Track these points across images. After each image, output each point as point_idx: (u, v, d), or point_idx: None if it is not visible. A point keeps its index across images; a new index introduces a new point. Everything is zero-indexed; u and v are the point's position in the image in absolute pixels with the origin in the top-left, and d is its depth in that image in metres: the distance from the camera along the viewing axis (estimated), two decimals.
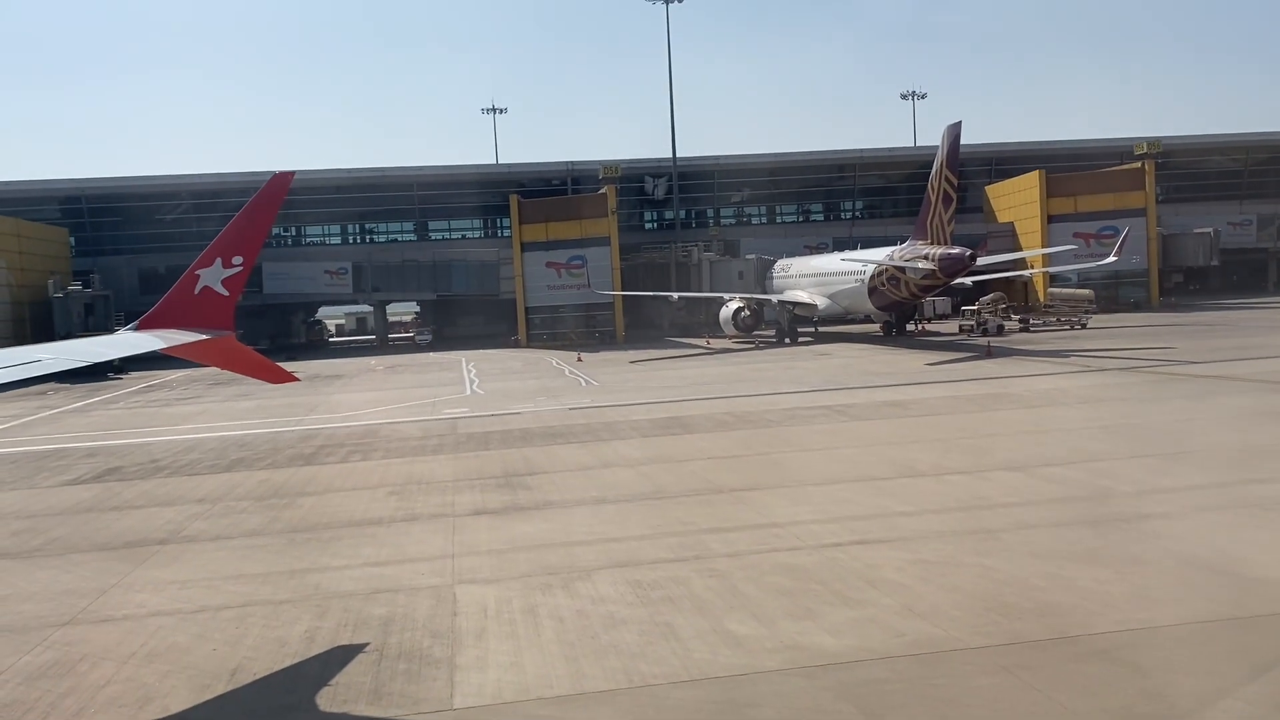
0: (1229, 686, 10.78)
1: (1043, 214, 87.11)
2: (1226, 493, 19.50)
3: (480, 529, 19.68)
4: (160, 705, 11.87)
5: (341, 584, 16.38)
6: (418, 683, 12.09)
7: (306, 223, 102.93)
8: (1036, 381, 39.71)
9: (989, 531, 17.47)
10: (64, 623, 15.12)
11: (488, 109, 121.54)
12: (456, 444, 30.87)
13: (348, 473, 26.97)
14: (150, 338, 13.76)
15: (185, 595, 16.28)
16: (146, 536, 20.55)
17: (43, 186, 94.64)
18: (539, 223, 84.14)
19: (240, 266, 14.10)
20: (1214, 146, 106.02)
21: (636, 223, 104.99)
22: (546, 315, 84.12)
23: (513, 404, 40.34)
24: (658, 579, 15.59)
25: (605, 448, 28.61)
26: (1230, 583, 14.11)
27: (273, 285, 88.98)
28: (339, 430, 35.45)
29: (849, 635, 12.85)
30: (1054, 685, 11.05)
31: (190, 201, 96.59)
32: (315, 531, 20.21)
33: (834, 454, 26.13)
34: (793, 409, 34.51)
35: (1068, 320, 68.88)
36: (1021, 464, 23.08)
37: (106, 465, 30.33)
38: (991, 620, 13.10)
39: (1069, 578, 14.63)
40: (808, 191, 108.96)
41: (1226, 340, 51.70)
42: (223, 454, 31.37)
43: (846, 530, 17.92)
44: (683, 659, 12.36)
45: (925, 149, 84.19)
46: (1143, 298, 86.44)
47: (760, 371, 49.81)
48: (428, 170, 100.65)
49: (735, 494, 21.49)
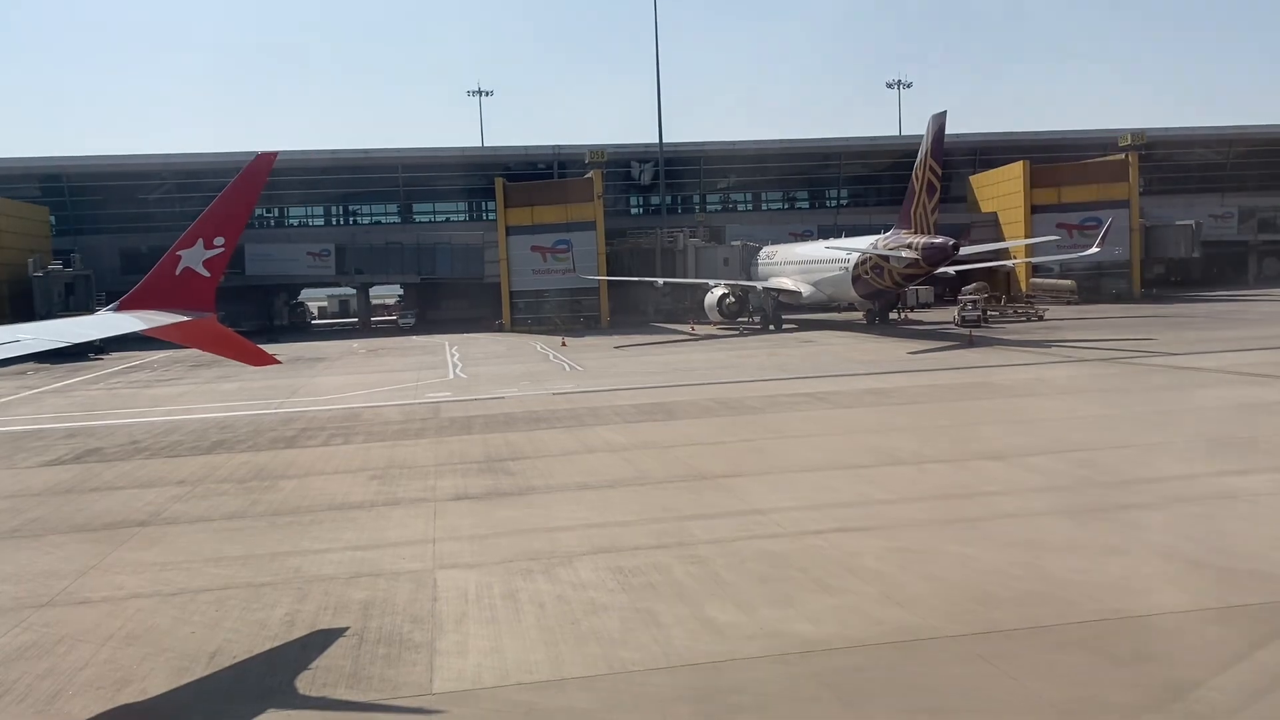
0: (1204, 676, 10.88)
1: (1026, 204, 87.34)
2: (1204, 483, 19.67)
3: (462, 514, 19.66)
4: (138, 688, 11.84)
5: (322, 568, 16.34)
6: (397, 667, 12.09)
7: (289, 204, 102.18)
8: (1018, 371, 39.93)
9: (969, 520, 17.58)
10: (42, 604, 15.04)
11: (473, 91, 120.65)
12: (439, 428, 30.81)
13: (329, 456, 26.88)
14: (131, 319, 13.66)
15: (165, 577, 16.21)
16: (126, 518, 20.44)
17: (23, 164, 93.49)
18: (524, 206, 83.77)
19: (222, 247, 14.00)
20: (1197, 139, 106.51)
21: (622, 208, 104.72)
22: (531, 300, 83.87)
23: (496, 388, 40.27)
24: (639, 565, 15.63)
25: (589, 433, 28.61)
26: (1207, 573, 14.24)
27: (255, 267, 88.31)
28: (321, 413, 35.31)
29: (828, 623, 12.91)
30: (1031, 674, 11.15)
31: (173, 181, 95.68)
32: (296, 515, 20.15)
33: (816, 441, 26.21)
34: (776, 396, 34.58)
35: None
36: (1002, 453, 23.20)
37: (86, 446, 30.14)
38: (970, 609, 13.19)
39: (1047, 567, 14.74)
40: (793, 179, 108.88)
41: (1207, 332, 52.09)
42: (203, 436, 31.21)
43: (827, 518, 18.00)
44: (663, 645, 12.40)
45: (910, 138, 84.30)
46: (1124, 289, 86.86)
47: (744, 358, 49.89)
48: (412, 152, 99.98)
49: (718, 480, 21.53)
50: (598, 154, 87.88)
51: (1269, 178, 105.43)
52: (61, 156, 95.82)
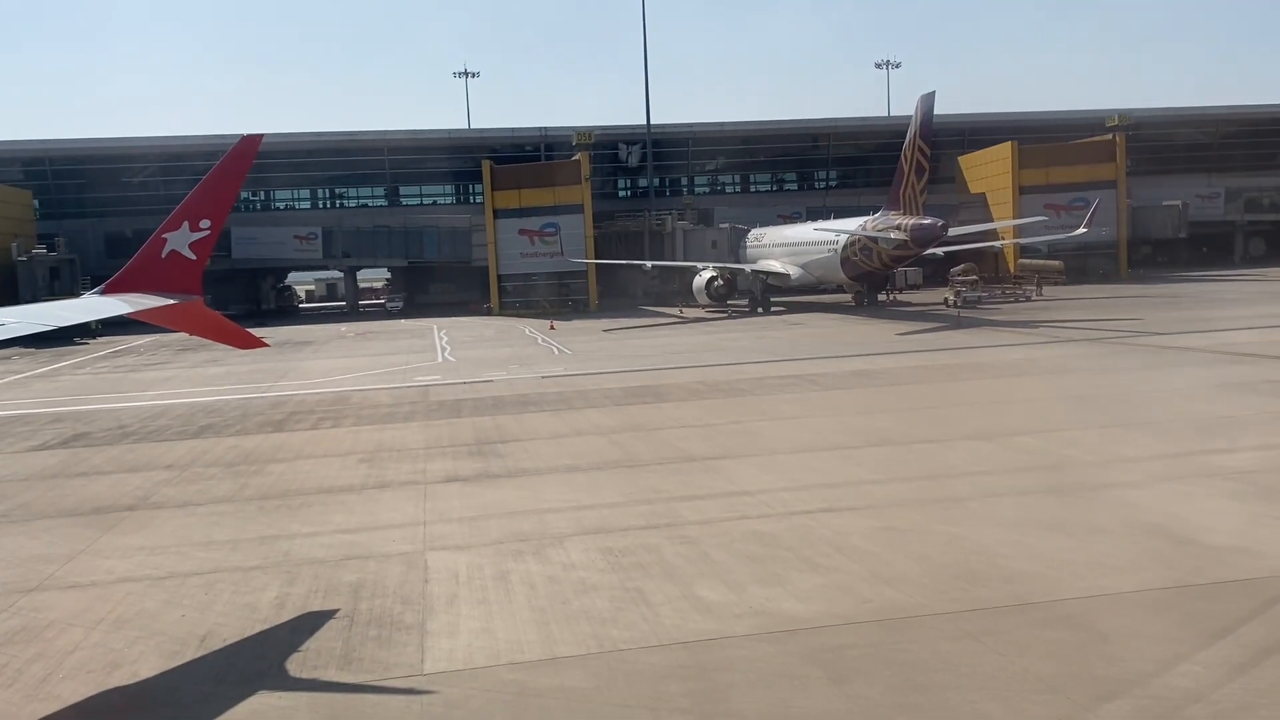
0: (1188, 651, 11.00)
1: (1014, 185, 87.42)
2: (1189, 462, 19.81)
3: (452, 496, 19.68)
4: (129, 671, 11.85)
5: (312, 551, 16.35)
6: (388, 648, 12.12)
7: (276, 186, 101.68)
8: (1006, 352, 40.07)
9: (956, 500, 17.68)
10: (30, 589, 15.02)
11: (459, 73, 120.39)
12: (428, 411, 30.79)
13: (318, 439, 26.84)
14: (117, 302, 13.58)
15: (154, 561, 16.20)
16: (114, 503, 20.40)
17: (6, 148, 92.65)
18: (512, 189, 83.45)
19: (208, 230, 13.92)
20: (1184, 119, 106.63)
21: (610, 190, 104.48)
22: (519, 283, 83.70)
23: (485, 371, 40.23)
24: (629, 546, 15.68)
25: (578, 415, 28.63)
26: (1191, 550, 14.37)
27: (241, 250, 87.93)
28: (309, 397, 35.24)
29: (817, 601, 12.99)
30: (1018, 650, 11.25)
31: (157, 164, 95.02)
32: (285, 498, 20.13)
33: (804, 423, 26.29)
34: (764, 378, 34.64)
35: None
36: (989, 433, 23.32)
37: (73, 431, 30.02)
38: (958, 587, 13.29)
39: (1034, 545, 14.85)
40: (782, 161, 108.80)
41: (1193, 312, 52.33)
42: (191, 420, 31.12)
43: (816, 498, 18.08)
44: (653, 624, 12.46)
45: (899, 119, 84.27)
46: (1111, 269, 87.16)
47: (733, 340, 49.93)
48: (399, 134, 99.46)
49: (706, 462, 21.59)
50: (585, 136, 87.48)
51: (1256, 158, 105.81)
52: (45, 140, 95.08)
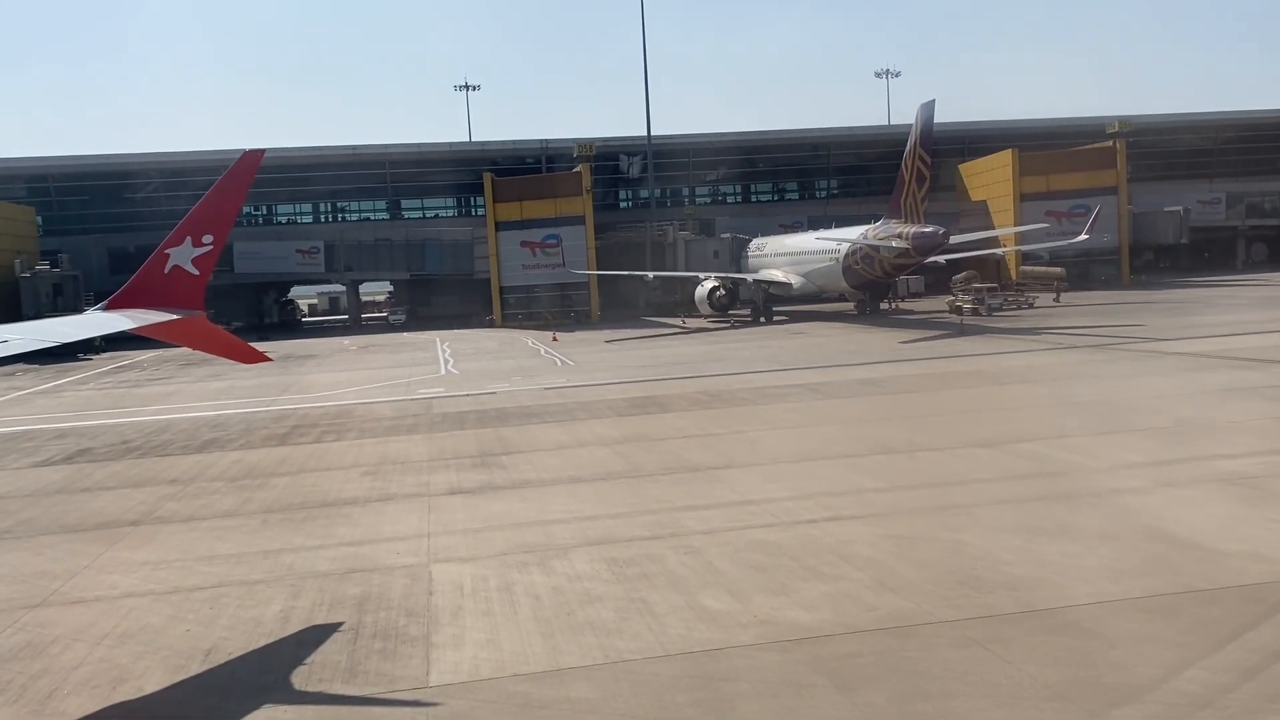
0: (1195, 657, 10.96)
1: (1015, 192, 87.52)
2: (1195, 467, 19.76)
3: (456, 508, 19.67)
4: (134, 686, 11.83)
5: (316, 564, 16.34)
6: (394, 661, 12.10)
7: (278, 201, 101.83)
8: (1009, 359, 40.03)
9: (961, 507, 17.65)
10: (35, 605, 15.01)
11: (460, 86, 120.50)
12: (431, 424, 30.79)
13: (322, 453, 26.85)
14: (120, 317, 13.60)
15: (158, 576, 16.19)
16: (118, 518, 20.40)
17: (8, 165, 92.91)
18: (513, 201, 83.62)
19: (210, 245, 13.95)
20: (1184, 125, 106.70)
21: (611, 201, 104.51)
22: (521, 295, 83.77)
23: (488, 384, 40.24)
24: (633, 556, 15.66)
25: (581, 427, 28.62)
26: (1197, 555, 14.33)
27: (244, 265, 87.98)
28: (313, 410, 35.25)
29: (822, 610, 12.96)
30: (1024, 657, 11.21)
31: (160, 180, 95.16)
32: (289, 512, 20.13)
33: (808, 432, 26.27)
34: (767, 387, 34.63)
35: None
36: (993, 440, 23.29)
37: (77, 446, 30.05)
38: (963, 594, 13.26)
39: (1040, 551, 14.81)
40: (783, 170, 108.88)
41: (1196, 317, 52.29)
42: (195, 435, 31.14)
43: (820, 507, 18.05)
44: (658, 634, 12.43)
45: (899, 128, 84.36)
46: (1113, 275, 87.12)
47: (735, 350, 49.92)
48: (400, 148, 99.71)
49: (710, 472, 21.56)
50: (586, 147, 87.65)
51: (1256, 163, 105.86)
52: (48, 156, 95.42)
